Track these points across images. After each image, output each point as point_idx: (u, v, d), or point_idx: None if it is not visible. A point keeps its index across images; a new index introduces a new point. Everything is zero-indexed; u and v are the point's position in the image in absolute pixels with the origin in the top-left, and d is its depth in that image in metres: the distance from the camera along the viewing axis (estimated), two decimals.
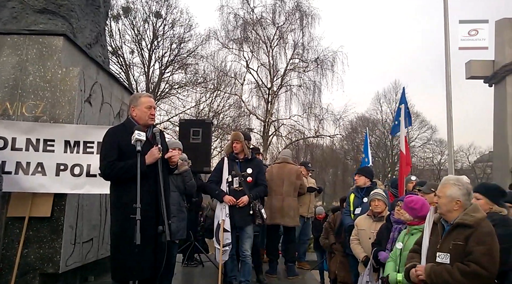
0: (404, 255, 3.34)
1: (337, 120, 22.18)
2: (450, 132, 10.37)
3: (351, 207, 5.50)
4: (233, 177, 4.73)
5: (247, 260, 4.73)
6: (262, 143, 21.44)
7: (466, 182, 2.92)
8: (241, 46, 21.53)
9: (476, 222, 2.67)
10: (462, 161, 38.03)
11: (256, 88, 21.97)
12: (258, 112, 21.97)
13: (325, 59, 21.29)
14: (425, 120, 33.05)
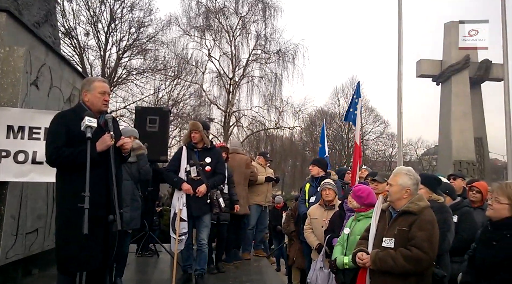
0: (351, 240, 3.52)
1: (296, 113, 22.62)
2: (400, 127, 10.92)
3: (306, 196, 5.72)
4: (191, 166, 4.68)
5: (203, 248, 4.72)
6: (222, 133, 21.38)
7: (416, 173, 3.11)
8: (203, 34, 21.25)
9: (420, 210, 2.86)
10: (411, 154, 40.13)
11: (217, 77, 21.81)
12: (219, 102, 21.90)
13: (287, 52, 21.53)
14: (378, 115, 34.42)
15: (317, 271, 4.21)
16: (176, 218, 4.56)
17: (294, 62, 21.55)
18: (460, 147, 14.10)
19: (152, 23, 19.49)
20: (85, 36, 18.38)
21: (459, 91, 14.39)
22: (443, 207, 3.50)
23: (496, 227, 2.59)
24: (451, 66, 14.48)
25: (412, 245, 2.74)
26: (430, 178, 3.77)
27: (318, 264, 4.26)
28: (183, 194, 4.59)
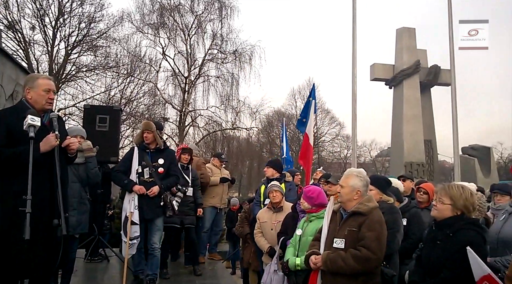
0: (303, 241, 3.54)
1: (253, 114, 22.54)
2: (354, 129, 11.25)
3: (262, 198, 5.68)
4: (143, 168, 4.51)
5: (155, 253, 4.56)
6: (178, 133, 20.93)
7: (366, 174, 3.18)
8: (157, 32, 20.64)
9: (369, 211, 2.92)
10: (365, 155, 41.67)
11: (172, 76, 21.27)
12: (174, 102, 21.36)
13: (243, 52, 21.40)
14: (334, 117, 35.38)
15: (272, 274, 4.16)
16: (128, 221, 4.37)
17: (251, 63, 21.48)
18: (411, 149, 14.68)
19: (103, 18, 18.70)
20: (30, 30, 17.29)
21: (410, 95, 14.98)
22: (393, 208, 3.61)
23: (439, 226, 2.70)
24: (403, 71, 15.04)
25: (361, 245, 2.80)
26: (380, 180, 3.88)
27: (272, 267, 4.21)
28: (135, 196, 4.41)
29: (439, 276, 2.55)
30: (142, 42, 20.46)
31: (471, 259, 2.34)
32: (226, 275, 6.36)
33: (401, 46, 15.32)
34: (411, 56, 15.13)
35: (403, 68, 15.01)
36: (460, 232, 2.55)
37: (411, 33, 15.43)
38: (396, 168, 14.58)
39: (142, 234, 4.48)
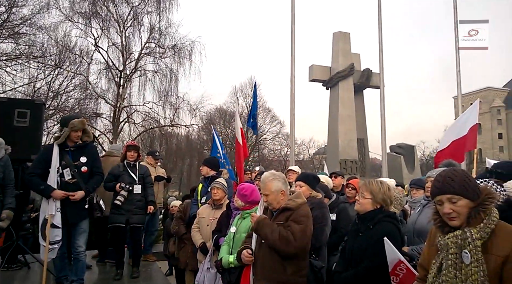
0: (237, 238, 3.54)
1: (193, 110, 21.92)
2: (292, 128, 11.55)
3: (199, 196, 5.59)
4: (64, 168, 4.17)
5: (80, 257, 4.29)
6: (112, 129, 19.89)
7: (280, 173, 3.29)
8: (89, 22, 19.38)
9: (297, 206, 3.02)
10: (303, 153, 43.14)
11: (106, 69, 20.07)
12: (107, 96, 20.19)
13: (183, 47, 20.81)
14: (275, 115, 36.20)
15: (205, 272, 4.13)
16: (47, 224, 4.03)
17: (191, 59, 20.95)
18: (345, 147, 15.32)
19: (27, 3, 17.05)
20: None
21: (345, 96, 15.64)
22: (321, 203, 3.77)
23: (362, 219, 2.85)
24: (338, 73, 15.64)
25: (288, 229, 2.90)
26: (310, 176, 4.05)
27: (205, 265, 4.19)
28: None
29: (360, 266, 2.69)
30: (71, 31, 19.15)
31: (387, 248, 2.51)
32: (160, 276, 6.16)
33: (337, 49, 15.92)
34: (346, 59, 15.77)
35: (339, 71, 15.60)
36: (379, 224, 2.72)
37: (346, 37, 16.11)
38: (332, 165, 15.15)
39: (64, 238, 4.16)
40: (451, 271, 1.80)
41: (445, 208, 1.86)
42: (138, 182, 5.32)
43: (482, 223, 1.80)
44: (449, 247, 1.83)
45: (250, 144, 32.57)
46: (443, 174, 1.94)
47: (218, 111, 33.90)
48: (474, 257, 1.74)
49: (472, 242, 1.77)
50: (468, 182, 1.87)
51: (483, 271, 1.71)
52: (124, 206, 5.14)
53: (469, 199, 1.84)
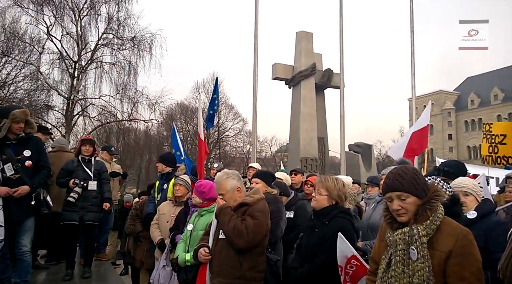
0: (194, 236, 3.48)
1: (153, 105, 21.24)
2: (254, 125, 11.56)
3: (156, 193, 5.46)
4: (5, 163, 3.88)
5: (24, 257, 4.02)
6: (64, 123, 18.91)
7: (233, 170, 3.29)
8: (41, 8, 18.22)
9: (254, 201, 3.01)
10: (266, 151, 43.43)
11: (59, 59, 18.99)
12: (60, 88, 19.11)
13: (143, 40, 20.11)
14: (238, 112, 36.10)
15: (160, 270, 4.05)
16: None
17: (151, 52, 20.26)
18: (306, 145, 15.54)
19: None
20: None
21: (306, 95, 15.84)
22: (276, 198, 3.85)
23: (317, 215, 2.90)
24: (301, 72, 15.80)
25: (243, 223, 2.89)
26: (266, 174, 4.17)
27: (161, 263, 4.10)
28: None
29: (315, 261, 2.72)
30: (21, 18, 17.92)
31: (340, 243, 2.56)
32: (115, 276, 5.96)
33: (300, 48, 16.07)
34: (308, 58, 15.97)
35: (301, 70, 15.77)
36: (334, 219, 2.77)
37: (309, 37, 16.31)
38: (293, 163, 15.34)
39: (6, 238, 3.87)
40: (399, 267, 1.86)
41: (394, 205, 1.92)
42: (93, 178, 5.11)
43: (428, 220, 1.86)
44: (397, 243, 1.89)
45: (212, 140, 32.34)
46: (394, 172, 2.00)
47: (179, 106, 33.30)
48: (420, 254, 1.80)
49: (418, 238, 1.83)
50: (417, 180, 1.93)
51: (429, 267, 1.78)
52: (78, 203, 4.92)
53: (417, 197, 1.90)
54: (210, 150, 31.99)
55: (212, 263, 2.99)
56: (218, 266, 2.93)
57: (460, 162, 3.65)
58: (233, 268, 2.86)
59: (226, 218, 2.91)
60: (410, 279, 1.81)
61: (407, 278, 1.82)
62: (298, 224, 4.13)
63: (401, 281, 1.84)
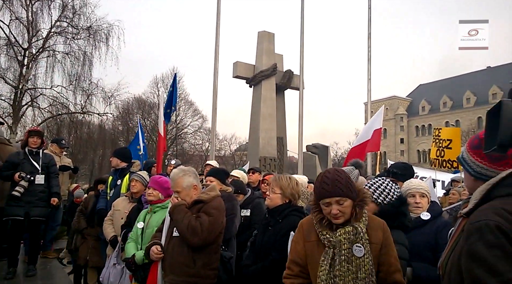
0: (148, 233, 3.40)
1: (108, 98, 20.27)
2: (214, 122, 11.50)
3: (108, 189, 5.27)
4: None
5: None
6: (11, 113, 17.71)
7: (189, 167, 3.23)
8: None
9: (210, 199, 3.00)
10: (225, 149, 43.33)
11: (7, 45, 17.65)
12: (8, 76, 17.78)
13: (99, 30, 19.20)
14: (198, 109, 35.72)
15: (110, 268, 3.91)
16: None
17: (108, 43, 19.37)
18: (265, 144, 15.65)
19: None
20: None
21: (267, 95, 15.95)
22: (231, 196, 3.86)
23: (271, 213, 2.93)
24: (262, 72, 15.89)
25: (198, 219, 2.86)
26: (219, 171, 4.17)
27: (112, 261, 3.97)
28: None
29: (268, 258, 2.74)
30: None
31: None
32: (61, 274, 5.71)
33: (262, 48, 16.15)
34: (269, 59, 16.09)
35: (262, 70, 15.85)
36: (287, 217, 2.81)
37: (270, 38, 16.43)
38: (253, 162, 15.40)
39: None
40: (344, 266, 1.93)
41: (334, 209, 1.97)
42: (41, 171, 4.89)
43: (363, 217, 2.01)
44: (342, 243, 1.96)
45: (170, 137, 31.73)
46: (330, 177, 2.02)
47: (136, 101, 32.37)
48: (366, 249, 1.92)
49: (363, 235, 1.94)
50: (351, 183, 2.05)
51: (372, 261, 1.91)
52: (23, 198, 4.69)
53: (352, 199, 2.01)
54: (168, 147, 31.39)
55: (164, 261, 2.93)
56: (171, 264, 2.88)
57: (408, 164, 3.83)
58: (186, 265, 2.83)
59: (180, 216, 2.86)
60: (354, 275, 1.90)
61: (351, 275, 1.91)
62: (254, 222, 4.15)
63: (346, 279, 1.91)
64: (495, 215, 1.27)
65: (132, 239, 3.48)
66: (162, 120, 5.93)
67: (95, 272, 5.62)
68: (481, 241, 1.25)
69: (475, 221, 1.30)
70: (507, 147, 1.10)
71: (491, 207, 1.32)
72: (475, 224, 1.29)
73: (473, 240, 1.27)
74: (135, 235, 3.48)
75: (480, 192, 1.41)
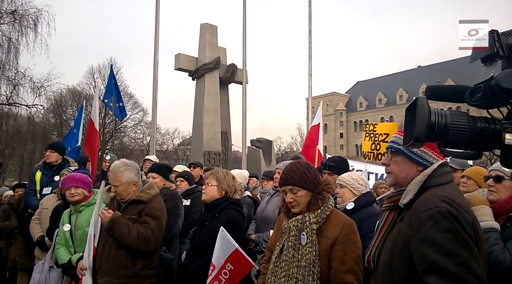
0: (79, 235, 3.24)
1: (37, 89, 18.69)
2: (154, 116, 11.16)
3: (38, 186, 4.89)
4: None
5: None
6: None
7: (132, 162, 3.11)
8: None
9: (150, 198, 2.90)
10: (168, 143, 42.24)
11: None
12: None
13: (26, 15, 17.54)
14: (138, 102, 34.35)
15: (46, 272, 3.62)
16: None
17: (37, 30, 17.75)
18: (209, 138, 15.51)
19: None
20: None
21: (210, 89, 15.78)
22: (175, 194, 3.75)
23: (208, 208, 2.91)
24: (205, 65, 15.66)
25: (147, 227, 2.77)
26: (162, 167, 4.00)
27: (47, 264, 3.68)
28: None
29: (207, 255, 2.71)
30: None
31: (222, 238, 2.56)
32: None
33: (204, 41, 15.91)
34: (212, 52, 15.92)
35: (205, 63, 15.64)
36: (224, 211, 2.81)
37: (213, 30, 16.24)
38: (196, 157, 15.19)
39: None
40: (290, 252, 1.99)
41: (287, 197, 2.09)
42: None
43: (319, 209, 2.04)
44: (291, 230, 2.04)
45: (109, 130, 30.24)
46: (288, 167, 2.15)
47: (70, 92, 30.34)
48: (309, 238, 1.97)
49: (309, 225, 2.00)
50: (308, 175, 2.10)
51: (315, 251, 1.95)
52: None
53: (308, 190, 2.07)
54: (106, 141, 29.91)
55: (100, 261, 2.80)
56: (108, 266, 2.76)
57: (343, 158, 4.00)
58: (125, 267, 2.74)
59: (125, 230, 2.71)
60: (299, 262, 1.95)
61: (296, 262, 1.96)
62: (193, 212, 4.13)
63: (290, 265, 1.97)
64: (443, 202, 1.35)
65: (60, 244, 3.27)
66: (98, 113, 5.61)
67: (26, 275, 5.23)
68: (435, 227, 1.32)
69: (426, 209, 1.37)
70: (422, 141, 1.16)
71: (435, 196, 1.40)
72: (426, 212, 1.36)
73: (427, 227, 1.33)
74: (63, 239, 3.27)
75: (417, 183, 1.49)
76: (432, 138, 1.17)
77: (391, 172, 1.63)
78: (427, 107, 1.16)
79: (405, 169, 1.58)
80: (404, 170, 1.58)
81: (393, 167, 1.62)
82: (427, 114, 1.15)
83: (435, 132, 1.15)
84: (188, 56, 15.99)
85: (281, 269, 2.00)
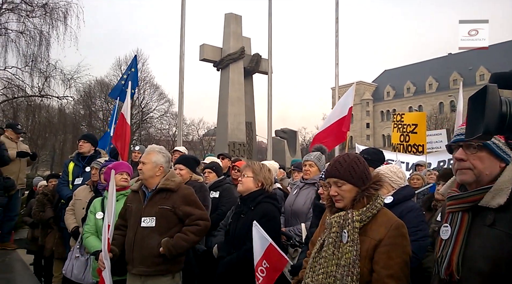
0: None
1: (68, 81, 19.05)
2: (180, 107, 11.22)
3: (70, 177, 5.00)
4: None
5: None
6: None
7: (167, 151, 3.14)
8: None
9: (177, 185, 2.89)
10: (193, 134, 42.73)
11: None
12: None
13: (56, 8, 17.84)
14: (163, 93, 34.75)
15: (73, 260, 3.75)
16: None
17: (66, 22, 18.03)
18: (234, 129, 15.53)
19: None
20: None
21: (235, 79, 15.75)
22: (203, 186, 3.73)
23: (244, 201, 2.85)
24: (229, 55, 15.61)
25: (194, 219, 2.81)
26: (189, 159, 3.96)
27: (74, 253, 3.81)
28: None
29: (242, 248, 2.66)
30: None
31: (256, 233, 2.50)
32: (22, 266, 5.44)
33: (229, 31, 15.84)
34: (237, 42, 15.82)
35: (230, 53, 15.58)
36: (259, 205, 2.74)
37: (238, 20, 16.12)
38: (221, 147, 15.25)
39: None
40: (330, 248, 1.88)
41: (331, 191, 1.96)
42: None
43: (364, 207, 1.89)
44: (332, 226, 1.91)
45: (135, 121, 30.81)
46: (336, 158, 2.03)
47: (99, 84, 31.03)
48: (350, 237, 1.83)
49: (351, 223, 1.86)
50: (355, 168, 1.94)
51: (356, 251, 1.81)
52: None
53: (354, 185, 1.92)
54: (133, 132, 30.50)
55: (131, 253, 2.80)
56: (141, 256, 2.77)
57: (378, 149, 3.85)
58: (158, 256, 2.74)
59: (183, 243, 2.78)
60: (338, 261, 1.84)
61: (335, 260, 1.85)
62: (222, 204, 4.08)
63: (329, 262, 1.86)
64: None
65: (90, 232, 3.31)
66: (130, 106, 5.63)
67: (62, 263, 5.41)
68: None
69: None
70: (492, 133, 1.04)
71: None
72: None
73: None
74: (93, 227, 3.30)
75: (510, 180, 1.35)
76: (502, 130, 1.04)
77: (472, 167, 1.47)
78: (499, 96, 1.03)
79: (489, 165, 1.44)
80: (489, 167, 1.44)
81: (477, 163, 1.46)
82: (498, 104, 1.02)
83: (506, 123, 1.03)
84: (212, 47, 15.95)
85: (319, 266, 1.90)
